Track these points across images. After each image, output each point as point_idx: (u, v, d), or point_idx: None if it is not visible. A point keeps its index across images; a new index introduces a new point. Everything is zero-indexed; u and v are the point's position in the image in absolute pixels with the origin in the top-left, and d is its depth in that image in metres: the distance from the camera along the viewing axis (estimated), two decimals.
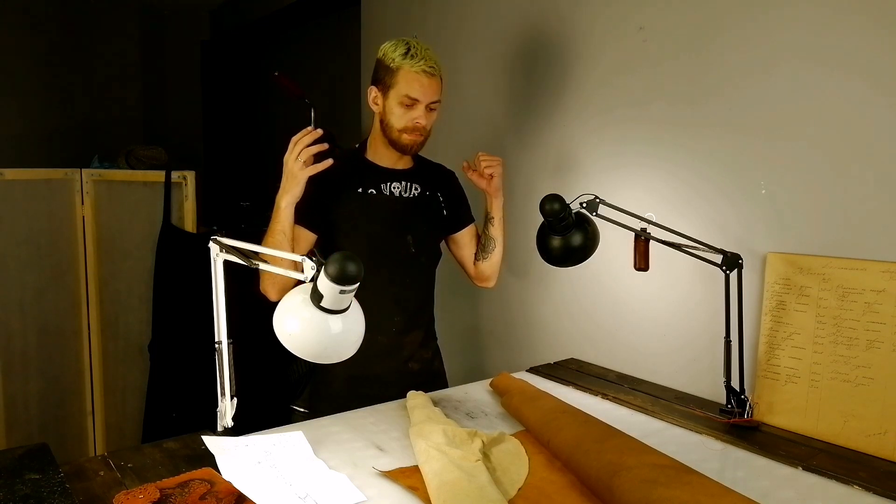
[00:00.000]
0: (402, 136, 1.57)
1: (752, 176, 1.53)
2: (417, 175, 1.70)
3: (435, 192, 1.73)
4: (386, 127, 1.59)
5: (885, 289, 1.30)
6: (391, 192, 1.65)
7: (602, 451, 1.17)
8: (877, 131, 1.32)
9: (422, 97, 1.53)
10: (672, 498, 1.02)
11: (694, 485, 1.06)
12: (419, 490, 1.11)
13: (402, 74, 1.52)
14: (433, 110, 1.58)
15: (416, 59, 1.51)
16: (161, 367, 2.69)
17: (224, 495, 1.04)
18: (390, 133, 1.58)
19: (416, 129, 1.57)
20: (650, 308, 1.78)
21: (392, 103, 1.56)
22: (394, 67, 1.53)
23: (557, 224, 1.50)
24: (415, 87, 1.52)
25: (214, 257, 1.28)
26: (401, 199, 1.66)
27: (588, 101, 1.92)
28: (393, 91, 1.55)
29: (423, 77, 1.52)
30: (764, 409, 1.46)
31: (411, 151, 1.62)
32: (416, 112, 1.54)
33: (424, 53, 1.52)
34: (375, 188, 1.63)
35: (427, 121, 1.57)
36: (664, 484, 1.05)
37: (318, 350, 1.06)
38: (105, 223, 2.61)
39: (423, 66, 1.51)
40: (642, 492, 1.04)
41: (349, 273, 0.98)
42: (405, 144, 1.58)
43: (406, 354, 1.69)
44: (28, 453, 1.16)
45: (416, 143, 1.60)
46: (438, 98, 1.56)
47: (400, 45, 1.53)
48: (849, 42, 1.35)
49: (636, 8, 1.77)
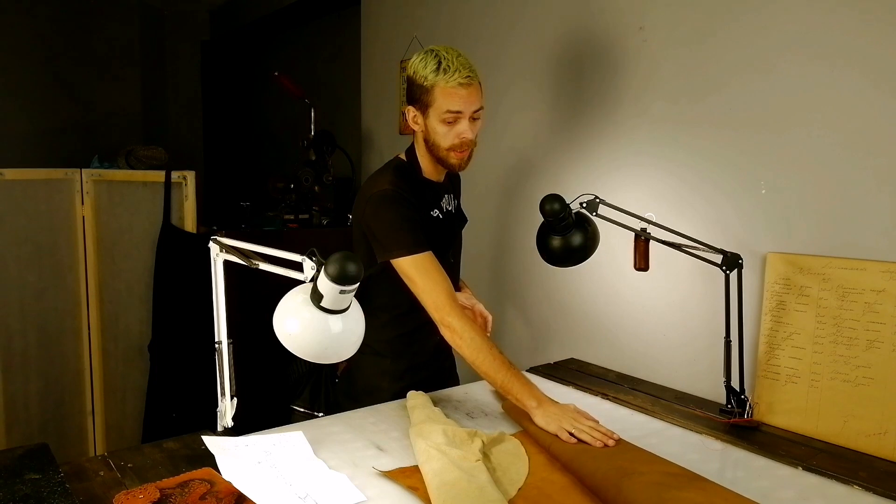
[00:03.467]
0: (450, 155, 1.50)
1: (753, 176, 1.53)
2: (449, 184, 1.68)
3: (458, 197, 1.73)
4: (432, 147, 1.51)
5: (885, 289, 1.30)
6: (445, 210, 1.62)
7: (613, 457, 1.18)
8: (877, 131, 1.32)
9: (464, 108, 1.45)
10: (686, 499, 1.02)
11: (707, 490, 1.06)
12: (419, 490, 1.11)
13: (438, 91, 1.44)
14: (477, 119, 1.49)
15: (449, 72, 1.42)
16: (161, 367, 2.69)
17: (224, 495, 1.04)
18: (437, 152, 1.51)
19: (464, 144, 1.48)
20: (650, 308, 1.78)
21: (434, 122, 1.47)
22: (428, 86, 1.45)
23: (557, 224, 1.50)
24: (454, 101, 1.44)
25: (214, 257, 1.28)
26: (447, 217, 1.64)
27: (588, 100, 1.92)
28: (432, 109, 1.46)
29: (461, 89, 1.43)
30: (764, 409, 1.46)
31: (461, 168, 1.54)
32: (461, 126, 1.46)
33: (457, 63, 1.43)
34: (438, 208, 1.60)
35: (473, 132, 1.49)
36: (676, 487, 1.06)
37: (318, 350, 1.06)
38: (105, 223, 2.61)
39: (458, 78, 1.42)
40: (654, 493, 1.04)
41: (349, 273, 0.98)
42: (454, 164, 1.51)
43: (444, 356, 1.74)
44: (28, 453, 1.16)
45: (464, 160, 1.52)
46: (481, 105, 1.48)
47: (430, 61, 1.44)
48: (848, 41, 1.35)
49: (636, 8, 1.77)
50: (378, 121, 2.94)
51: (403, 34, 2.69)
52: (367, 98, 3.02)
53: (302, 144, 2.89)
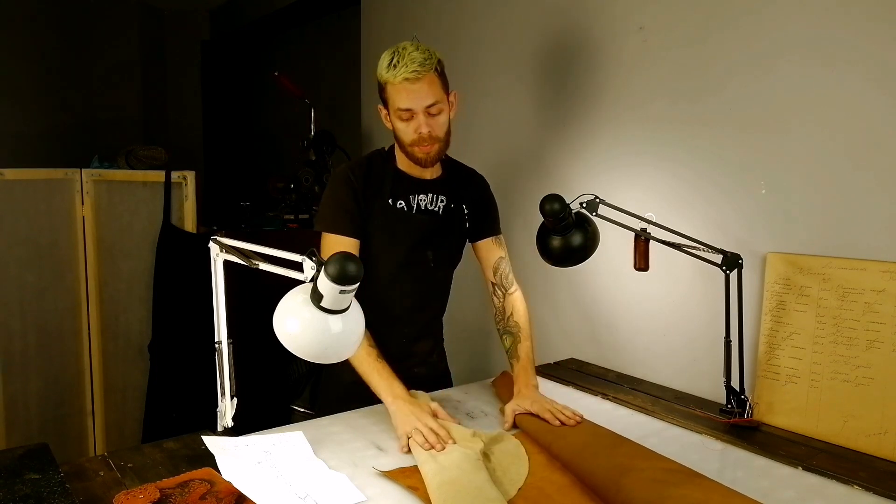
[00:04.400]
0: (414, 150, 1.50)
1: (753, 176, 1.53)
2: (445, 186, 1.63)
3: (461, 203, 1.65)
4: (399, 143, 1.53)
5: (885, 289, 1.30)
6: (418, 205, 1.59)
7: (612, 454, 1.18)
8: (877, 131, 1.32)
9: (413, 105, 1.44)
10: (685, 496, 1.02)
11: (706, 487, 1.06)
12: (419, 490, 1.11)
13: (389, 88, 1.45)
14: (435, 115, 1.46)
15: (396, 68, 1.41)
16: (161, 367, 2.69)
17: (224, 495, 1.04)
18: (404, 149, 1.52)
19: (423, 140, 1.47)
20: (650, 308, 1.78)
21: (394, 119, 1.49)
22: (382, 83, 1.47)
23: (557, 224, 1.50)
24: (402, 97, 1.44)
25: (214, 257, 1.28)
26: (426, 215, 1.60)
27: (587, 100, 1.92)
28: (390, 106, 1.48)
29: (408, 84, 1.42)
30: (764, 409, 1.46)
31: (428, 163, 1.53)
32: (416, 122, 1.45)
33: (407, 58, 1.41)
34: (404, 200, 1.57)
35: (432, 127, 1.47)
36: (675, 484, 1.06)
37: (318, 350, 1.06)
38: (105, 223, 2.61)
39: (404, 73, 1.41)
40: (653, 490, 1.04)
41: (349, 273, 0.98)
42: (420, 158, 1.51)
43: (414, 361, 1.67)
44: (28, 453, 1.16)
45: (431, 154, 1.50)
46: (435, 99, 1.45)
47: (385, 57, 1.45)
48: (848, 41, 1.35)
49: (636, 7, 1.77)
50: (378, 121, 2.93)
51: (403, 34, 2.69)
52: (366, 98, 3.02)
53: (302, 144, 2.89)
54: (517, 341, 1.59)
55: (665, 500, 1.02)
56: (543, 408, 1.40)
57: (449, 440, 1.26)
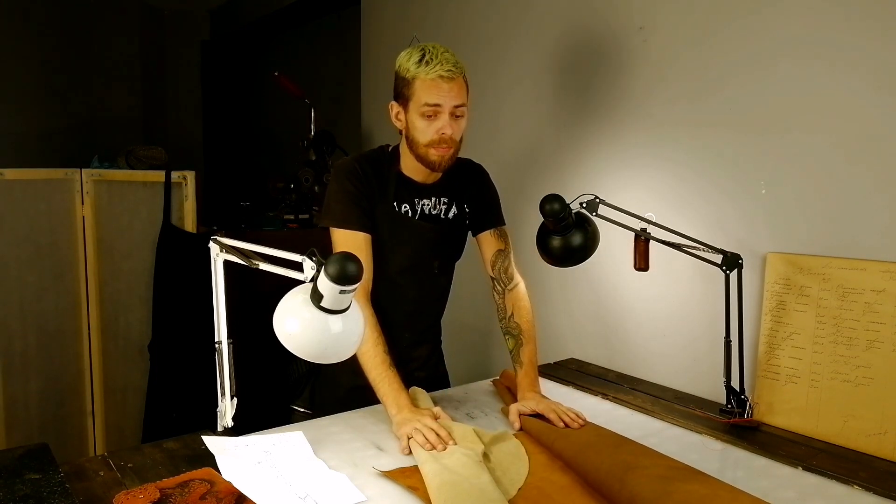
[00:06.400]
0: (429, 152, 1.46)
1: (753, 176, 1.53)
2: (447, 187, 1.61)
3: (462, 203, 1.63)
4: (412, 144, 1.48)
5: (885, 289, 1.30)
6: (422, 209, 1.57)
7: (616, 452, 1.18)
8: (877, 131, 1.32)
9: (443, 102, 1.41)
10: (690, 491, 1.03)
11: (711, 483, 1.07)
12: (419, 490, 1.11)
13: (418, 83, 1.41)
14: (459, 117, 1.45)
15: (430, 64, 1.40)
16: (161, 367, 2.69)
17: (224, 495, 1.04)
18: (417, 150, 1.47)
19: (444, 142, 1.44)
20: (650, 308, 1.78)
21: (413, 116, 1.44)
22: (409, 78, 1.43)
23: (557, 224, 1.50)
24: (433, 93, 1.41)
25: (214, 257, 1.28)
26: (430, 221, 1.58)
27: (588, 100, 1.92)
28: (412, 103, 1.44)
29: (442, 82, 1.40)
30: (764, 409, 1.46)
31: (441, 167, 1.49)
32: (440, 122, 1.42)
33: (441, 57, 1.41)
34: (409, 204, 1.55)
35: (454, 129, 1.44)
36: (680, 479, 1.07)
37: (318, 350, 1.06)
38: (105, 223, 2.61)
39: (439, 70, 1.40)
40: (658, 485, 1.05)
41: (349, 273, 0.98)
42: (433, 161, 1.46)
43: (414, 366, 1.66)
44: (28, 453, 1.16)
45: (445, 158, 1.47)
46: (463, 102, 1.43)
47: (414, 54, 1.43)
48: (848, 41, 1.35)
49: (636, 7, 1.77)
50: (378, 121, 2.94)
51: (403, 34, 2.68)
52: (366, 98, 3.02)
53: (302, 144, 2.89)
54: (519, 344, 1.57)
55: (670, 494, 1.02)
56: (549, 408, 1.40)
57: (450, 440, 1.26)
